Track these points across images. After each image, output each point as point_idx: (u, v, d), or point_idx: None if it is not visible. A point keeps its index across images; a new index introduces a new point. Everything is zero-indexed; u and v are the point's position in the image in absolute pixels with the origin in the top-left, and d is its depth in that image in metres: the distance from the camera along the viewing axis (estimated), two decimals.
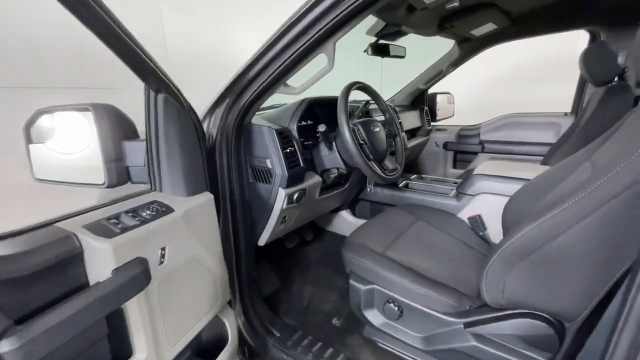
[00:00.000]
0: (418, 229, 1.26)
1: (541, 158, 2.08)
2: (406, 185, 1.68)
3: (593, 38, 1.79)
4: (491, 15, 1.62)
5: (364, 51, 1.65)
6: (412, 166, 2.62)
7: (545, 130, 2.08)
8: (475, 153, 2.33)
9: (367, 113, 1.63)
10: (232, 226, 1.05)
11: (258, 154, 1.12)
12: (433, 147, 2.50)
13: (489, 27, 1.74)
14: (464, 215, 1.41)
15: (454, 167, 2.46)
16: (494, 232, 1.34)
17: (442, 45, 2.05)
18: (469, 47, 2.01)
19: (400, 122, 1.91)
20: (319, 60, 0.90)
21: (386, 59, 1.82)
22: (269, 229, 1.19)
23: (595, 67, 1.48)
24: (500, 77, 3.24)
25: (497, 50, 1.99)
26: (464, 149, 2.36)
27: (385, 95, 2.18)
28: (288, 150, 1.10)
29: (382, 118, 1.42)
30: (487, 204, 1.35)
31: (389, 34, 1.54)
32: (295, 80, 0.96)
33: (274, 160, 1.08)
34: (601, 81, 1.52)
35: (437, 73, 2.20)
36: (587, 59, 1.49)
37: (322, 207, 1.53)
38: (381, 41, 1.68)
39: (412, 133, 2.35)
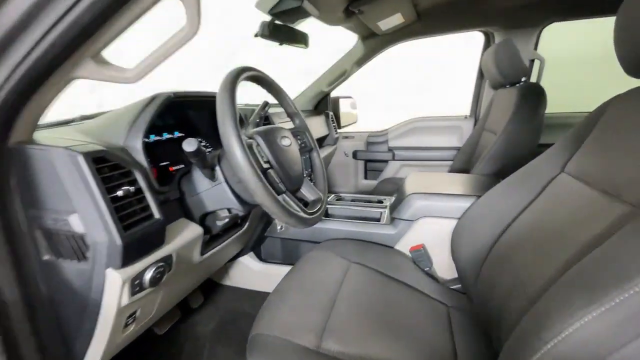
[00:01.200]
0: (356, 280, 0.88)
1: (450, 162, 2.02)
2: (326, 212, 1.30)
3: (487, 40, 1.78)
4: (400, 4, 1.40)
5: (255, 35, 1.20)
6: None
7: (450, 134, 2.02)
8: (386, 161, 2.14)
9: (266, 119, 1.17)
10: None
11: (53, 205, 0.54)
12: (342, 157, 2.22)
13: (396, 20, 1.52)
14: (404, 246, 1.10)
15: (365, 177, 2.23)
16: (441, 264, 1.06)
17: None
18: (373, 44, 1.78)
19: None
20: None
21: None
22: (98, 345, 0.61)
23: (504, 67, 1.39)
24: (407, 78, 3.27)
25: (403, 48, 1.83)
26: (375, 157, 2.15)
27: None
28: (120, 192, 0.55)
29: (290, 125, 0.99)
30: (430, 229, 1.07)
31: (286, 11, 1.13)
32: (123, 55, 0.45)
33: (89, 217, 0.53)
34: (508, 82, 1.44)
35: (341, 73, 1.92)
36: (497, 59, 1.40)
37: (210, 266, 1.00)
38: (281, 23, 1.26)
39: (319, 143, 2.01)
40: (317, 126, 1.87)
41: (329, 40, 1.84)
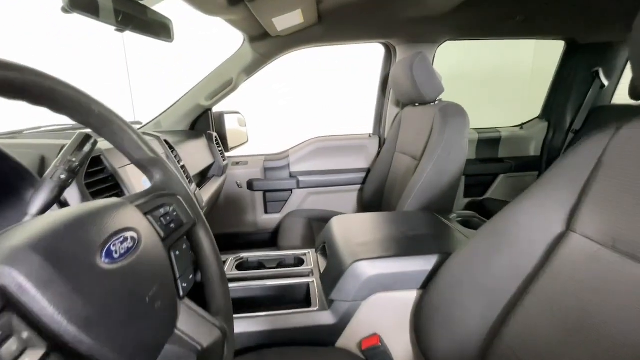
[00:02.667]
0: None
1: (359, 186, 1.81)
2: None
3: (388, 52, 1.64)
4: (302, 1, 1.07)
5: (63, 9, 0.66)
6: (209, 222, 1.76)
7: (355, 155, 1.82)
8: (290, 190, 1.79)
9: (93, 169, 0.65)
10: None
11: None
12: (233, 188, 1.75)
13: (295, 19, 1.19)
14: (351, 341, 0.76)
15: (266, 211, 1.82)
16: (405, 357, 0.76)
17: None
18: (266, 48, 1.41)
19: (183, 167, 1.03)
20: None
21: None
22: None
23: (422, 83, 1.23)
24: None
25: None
26: (275, 187, 1.76)
27: None
28: None
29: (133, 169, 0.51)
30: (386, 310, 0.75)
31: None
32: None
33: None
34: (424, 99, 1.29)
35: (226, 83, 1.47)
36: (415, 74, 1.22)
37: None
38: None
39: (203, 174, 1.50)
40: (197, 153, 1.37)
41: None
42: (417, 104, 1.41)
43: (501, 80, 3.77)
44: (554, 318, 0.49)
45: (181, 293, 0.41)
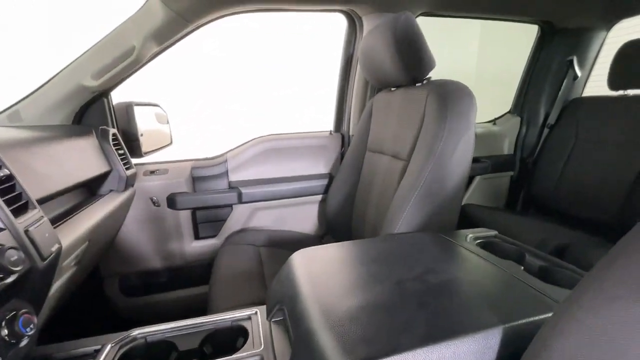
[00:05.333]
0: None
1: (321, 196, 1.44)
2: None
3: (352, 24, 1.30)
4: None
5: None
6: (111, 260, 1.23)
7: (314, 157, 1.44)
8: (229, 206, 1.34)
9: None
10: None
11: None
12: (146, 207, 1.25)
13: None
14: None
15: (197, 236, 1.34)
16: None
17: None
18: (183, 4, 0.97)
19: (6, 179, 0.55)
20: None
21: None
22: None
23: (412, 56, 0.90)
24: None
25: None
26: (209, 203, 1.30)
27: None
28: None
29: None
30: None
31: None
32: None
33: None
34: (410, 79, 0.97)
35: (124, 55, 1.00)
36: (398, 42, 0.89)
37: None
38: None
39: (91, 189, 1.01)
40: (78, 158, 0.88)
41: None
42: (393, 88, 1.09)
43: (448, 77, 3.73)
44: None
45: None
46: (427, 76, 0.94)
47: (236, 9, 1.08)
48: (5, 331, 0.45)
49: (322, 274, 0.56)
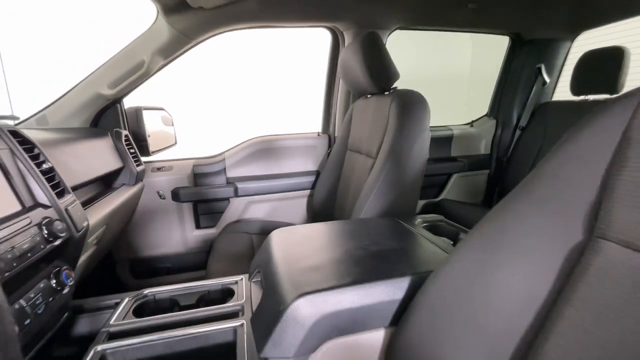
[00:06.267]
0: None
1: (309, 191, 1.60)
2: None
3: (335, 39, 1.46)
4: None
5: None
6: (122, 245, 1.40)
7: (304, 156, 1.60)
8: (227, 199, 1.51)
9: None
10: None
11: None
12: (154, 200, 1.42)
13: None
14: None
15: (198, 226, 1.51)
16: None
17: None
18: (185, 24, 1.13)
19: (48, 170, 0.72)
20: None
21: None
22: None
23: (377, 69, 1.06)
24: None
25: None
26: (208, 196, 1.47)
27: None
28: None
29: None
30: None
31: None
32: None
33: None
34: (378, 89, 1.13)
35: (135, 67, 1.16)
36: (367, 58, 1.05)
37: None
38: None
39: (107, 183, 1.17)
40: (97, 156, 1.04)
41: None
42: (369, 95, 1.24)
43: (444, 81, 3.86)
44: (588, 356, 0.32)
45: None
46: (393, 86, 1.10)
47: (232, 27, 1.24)
48: (54, 281, 0.61)
49: (293, 245, 0.72)
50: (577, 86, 1.48)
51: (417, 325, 0.48)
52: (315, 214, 1.44)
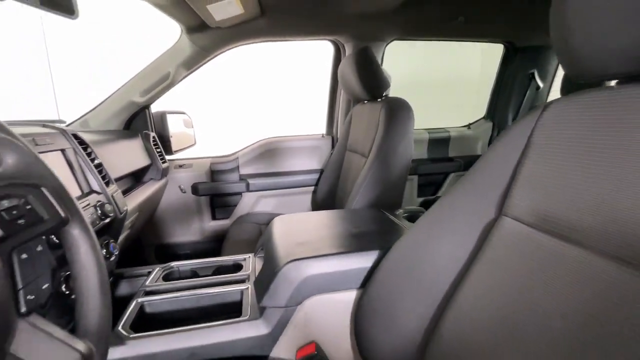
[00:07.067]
0: None
1: (313, 187, 1.76)
2: (140, 319, 0.72)
3: (337, 50, 1.61)
4: None
5: None
6: (148, 231, 1.60)
7: (308, 156, 1.76)
8: (239, 193, 1.68)
9: None
10: None
11: None
12: (176, 193, 1.61)
13: (234, 9, 1.12)
14: (286, 351, 0.68)
15: (214, 217, 1.70)
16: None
17: None
18: (206, 41, 1.31)
19: (98, 165, 0.90)
20: None
21: None
22: None
23: (367, 79, 1.21)
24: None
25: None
26: (223, 190, 1.65)
27: None
28: None
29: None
30: (323, 315, 0.69)
31: None
32: None
33: None
34: (370, 96, 1.27)
35: (162, 78, 1.35)
36: (359, 69, 1.20)
37: None
38: None
39: (137, 177, 1.36)
40: (126, 154, 1.23)
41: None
42: (365, 101, 1.39)
43: (453, 84, 3.94)
44: (489, 308, 0.46)
45: (22, 308, 0.32)
46: (385, 94, 1.24)
47: (245, 42, 1.41)
48: (104, 250, 0.79)
49: (290, 228, 0.87)
50: (566, 89, 1.58)
51: (378, 284, 0.63)
52: (317, 208, 1.60)
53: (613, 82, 0.44)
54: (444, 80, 3.95)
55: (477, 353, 0.45)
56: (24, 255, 0.33)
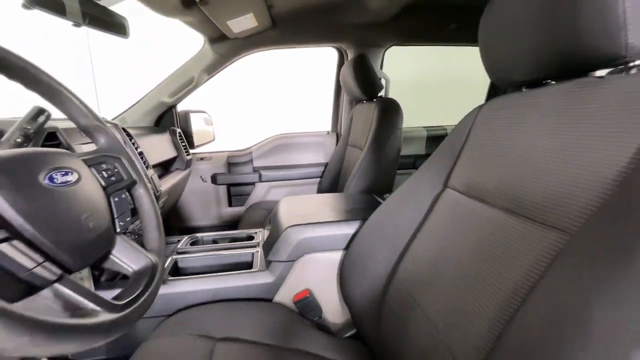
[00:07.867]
0: None
1: (319, 179, 1.94)
2: (175, 270, 0.93)
3: (341, 56, 1.80)
4: (252, 4, 1.20)
5: (24, 6, 0.75)
6: (174, 215, 1.82)
7: (315, 151, 1.95)
8: (253, 184, 1.89)
9: (50, 138, 0.75)
10: None
11: None
12: (198, 182, 1.83)
13: (249, 22, 1.32)
14: (287, 295, 0.87)
15: (230, 204, 1.91)
16: (333, 309, 0.88)
17: None
18: (224, 49, 1.52)
19: (140, 153, 1.12)
20: None
21: None
22: None
23: (363, 82, 1.38)
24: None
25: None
26: (239, 180, 1.86)
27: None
28: None
29: (89, 147, 0.61)
30: (315, 269, 0.87)
31: None
32: None
33: None
34: (367, 97, 1.45)
35: (187, 82, 1.57)
36: (356, 74, 1.38)
37: None
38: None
39: (165, 167, 1.58)
40: (159, 147, 1.45)
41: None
42: (364, 101, 1.56)
43: (453, 84, 4.05)
44: (430, 254, 0.63)
45: (117, 229, 0.52)
46: (379, 95, 1.41)
47: (258, 49, 1.61)
48: None
49: (293, 206, 1.06)
50: (490, 92, 1.71)
51: (357, 244, 0.81)
52: None
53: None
54: (444, 80, 4.06)
55: (419, 283, 0.62)
56: (116, 199, 0.53)
